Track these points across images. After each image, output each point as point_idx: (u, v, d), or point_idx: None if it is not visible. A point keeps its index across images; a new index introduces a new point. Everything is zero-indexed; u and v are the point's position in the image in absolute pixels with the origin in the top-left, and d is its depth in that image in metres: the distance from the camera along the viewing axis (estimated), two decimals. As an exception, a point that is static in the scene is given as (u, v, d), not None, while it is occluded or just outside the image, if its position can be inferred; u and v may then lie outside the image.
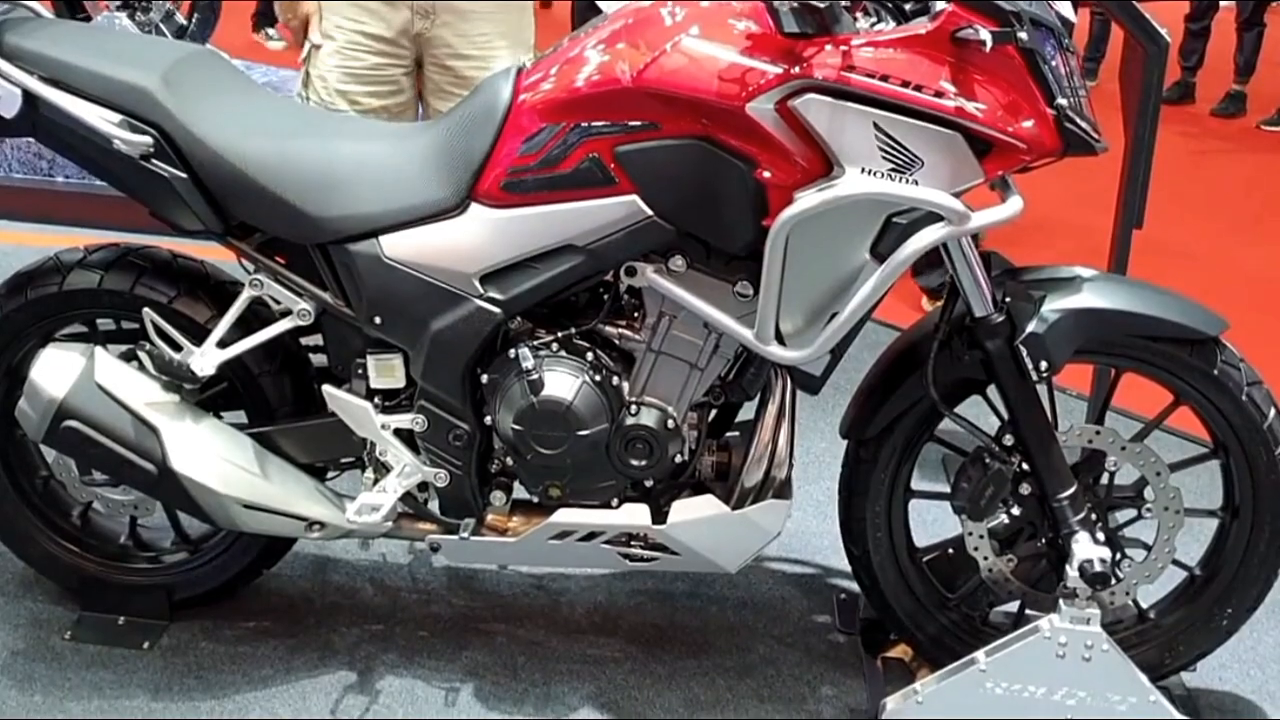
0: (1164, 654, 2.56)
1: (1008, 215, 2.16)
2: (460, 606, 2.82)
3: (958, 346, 2.36)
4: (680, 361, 2.36)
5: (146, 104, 2.31)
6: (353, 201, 2.32)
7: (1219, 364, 2.37)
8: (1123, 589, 2.50)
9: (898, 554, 2.57)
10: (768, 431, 2.46)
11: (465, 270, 2.31)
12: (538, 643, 2.71)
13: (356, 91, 3.00)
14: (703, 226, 2.24)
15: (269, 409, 2.54)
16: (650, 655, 2.70)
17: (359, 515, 2.40)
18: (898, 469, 2.52)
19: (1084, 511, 2.40)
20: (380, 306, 2.36)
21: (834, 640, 2.78)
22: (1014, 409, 2.37)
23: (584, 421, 2.35)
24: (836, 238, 2.18)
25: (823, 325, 2.23)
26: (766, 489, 2.45)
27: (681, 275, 2.29)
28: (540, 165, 2.25)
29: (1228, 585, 2.51)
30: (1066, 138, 2.13)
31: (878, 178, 2.10)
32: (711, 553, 2.47)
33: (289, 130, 2.38)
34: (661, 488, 2.47)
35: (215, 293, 2.52)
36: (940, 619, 2.59)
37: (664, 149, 2.19)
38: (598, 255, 2.27)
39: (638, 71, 2.16)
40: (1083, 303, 2.32)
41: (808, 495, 3.26)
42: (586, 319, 2.39)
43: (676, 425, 2.38)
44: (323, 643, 2.68)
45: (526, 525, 2.48)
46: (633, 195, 2.22)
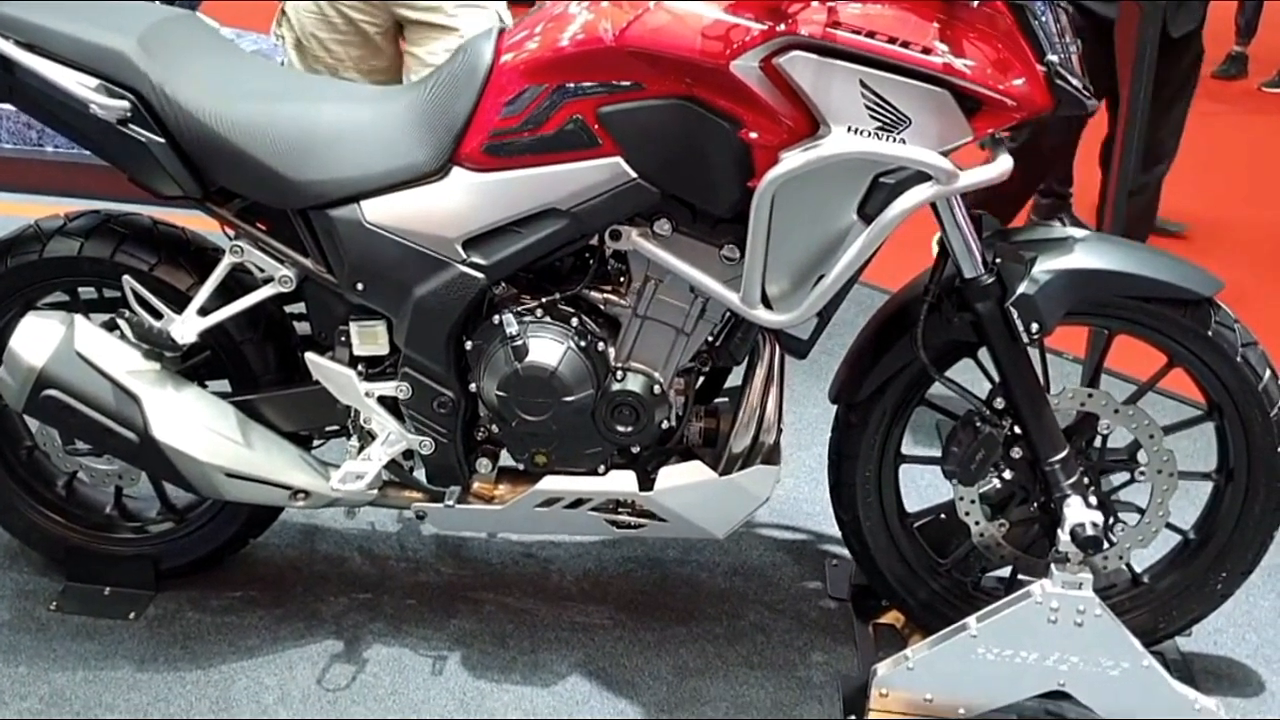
0: (1158, 619, 2.53)
1: (997, 174, 2.13)
2: (448, 574, 2.80)
3: (948, 309, 2.32)
4: (666, 326, 2.33)
5: (123, 68, 2.27)
6: (333, 166, 2.29)
7: (1213, 325, 2.34)
8: (1116, 553, 2.47)
9: (888, 519, 2.54)
10: (756, 396, 2.43)
11: (447, 235, 2.28)
12: (526, 611, 2.69)
13: (328, 39, 2.97)
14: (688, 188, 2.20)
15: (252, 377, 2.51)
16: (639, 622, 2.68)
17: (343, 484, 2.38)
18: (888, 433, 2.49)
19: (1076, 475, 2.37)
20: (362, 272, 2.33)
21: (825, 606, 2.76)
22: (1005, 372, 2.34)
23: (569, 387, 2.32)
24: (823, 198, 2.15)
25: (809, 288, 2.20)
26: (755, 454, 2.43)
27: (667, 239, 2.26)
28: (522, 127, 2.21)
29: (1222, 549, 2.49)
30: (1057, 95, 2.10)
31: (864, 137, 2.06)
32: (699, 519, 2.44)
33: (268, 94, 2.34)
34: (649, 454, 2.44)
35: (197, 259, 2.49)
36: (931, 585, 2.57)
37: (648, 109, 2.15)
38: (581, 219, 2.24)
39: (620, 30, 2.12)
40: (1074, 263, 2.29)
41: (800, 461, 3.23)
42: (571, 284, 2.36)
43: (663, 391, 2.35)
44: (310, 612, 2.66)
45: (513, 493, 2.46)
46: (616, 157, 2.18)
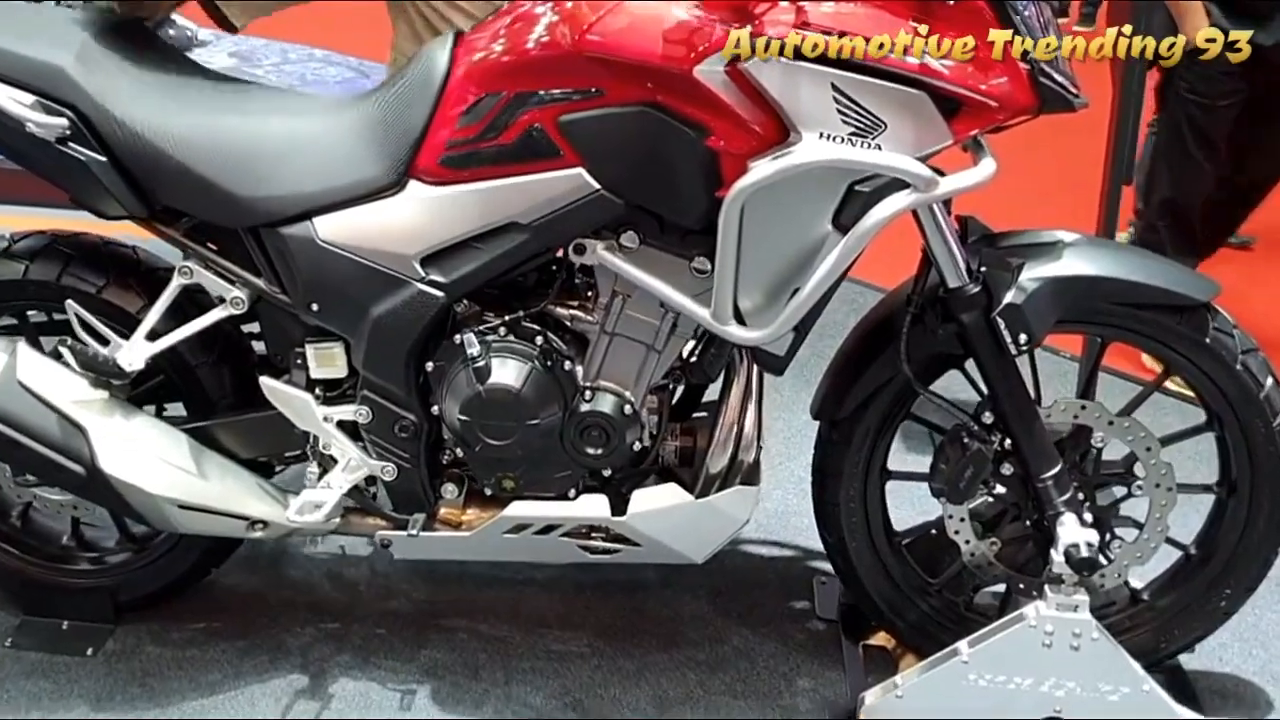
0: (1159, 638, 2.42)
1: (980, 179, 2.01)
2: (421, 601, 2.69)
3: (931, 320, 2.21)
4: (636, 343, 2.23)
5: (61, 83, 2.16)
6: (284, 181, 2.18)
7: (1211, 331, 2.23)
8: (1114, 571, 2.37)
9: (875, 539, 2.43)
10: (732, 413, 2.33)
11: (405, 252, 2.17)
12: (500, 639, 2.58)
13: None
14: (653, 199, 2.09)
15: (208, 401, 2.40)
16: (618, 650, 2.57)
17: (300, 514, 2.27)
18: (873, 450, 2.38)
19: (1070, 491, 2.26)
20: (317, 292, 2.22)
21: (812, 628, 2.65)
22: (993, 385, 2.23)
23: (534, 410, 2.21)
24: (795, 208, 2.04)
25: (784, 302, 2.09)
26: (733, 474, 2.32)
27: (634, 252, 2.15)
28: (480, 138, 2.10)
29: (1225, 564, 2.37)
30: (1042, 94, 1.98)
31: (837, 143, 1.95)
32: (676, 544, 2.34)
33: (215, 106, 2.24)
34: (621, 476, 2.34)
35: (147, 280, 2.38)
36: (921, 606, 2.46)
37: (610, 117, 2.04)
38: (544, 233, 2.13)
39: (579, 34, 2.01)
40: (1064, 270, 2.18)
41: (788, 472, 3.12)
42: (536, 300, 2.25)
43: (634, 411, 2.25)
44: (275, 644, 2.56)
45: (481, 518, 2.35)
46: (579, 168, 2.08)
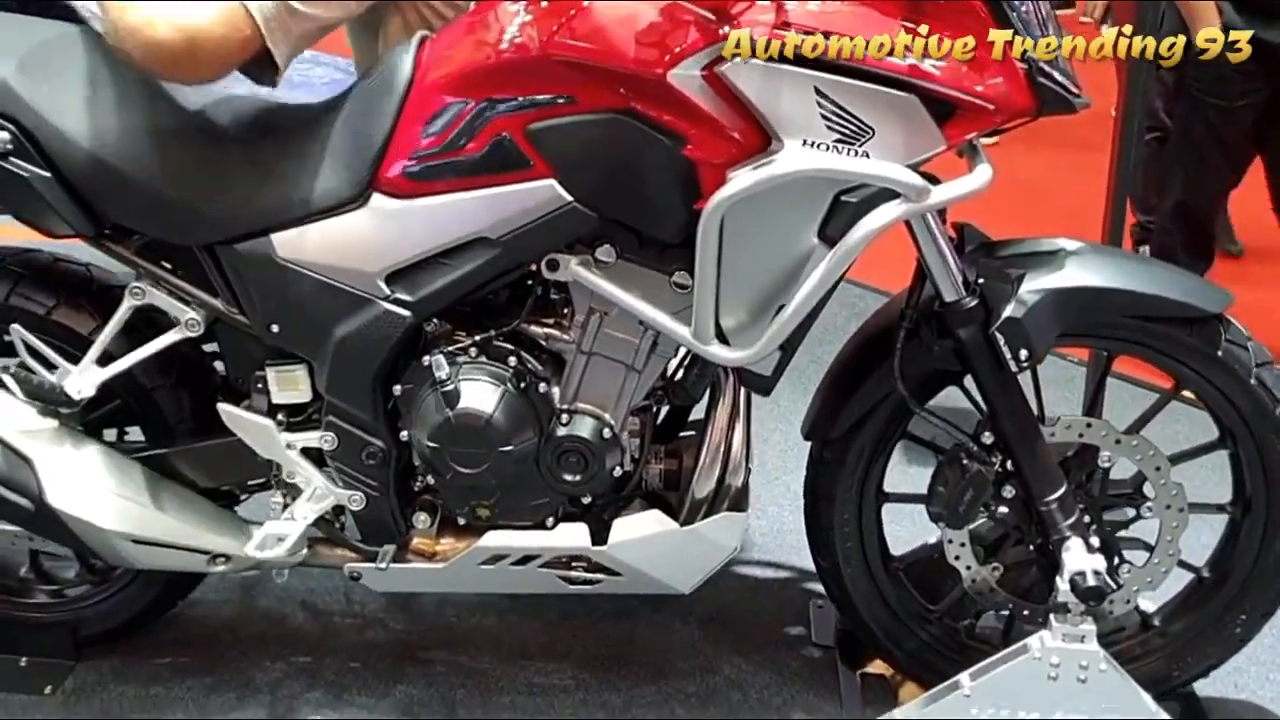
0: (1171, 666, 2.30)
1: (975, 187, 1.89)
2: (398, 631, 2.57)
3: (927, 335, 2.09)
4: (615, 363, 2.11)
5: (1, 96, 2.04)
6: (239, 196, 2.06)
7: (1223, 344, 2.10)
8: (1123, 596, 2.24)
9: (870, 564, 2.31)
10: (719, 435, 2.21)
11: (368, 269, 2.05)
12: (480, 671, 2.46)
13: None
14: (628, 212, 1.97)
15: (166, 427, 2.28)
16: (603, 682, 2.45)
17: (261, 549, 2.15)
18: (867, 471, 2.26)
19: (1075, 514, 2.14)
20: (277, 313, 2.10)
21: (808, 655, 2.53)
22: (993, 403, 2.10)
23: (507, 435, 2.09)
24: (779, 221, 1.91)
25: (768, 320, 1.97)
26: (720, 500, 2.21)
27: (611, 267, 2.03)
28: (446, 148, 1.98)
29: (1240, 588, 2.25)
30: (1041, 95, 1.86)
31: (821, 151, 1.83)
32: (660, 574, 2.22)
33: (165, 118, 2.11)
34: (602, 503, 2.22)
35: (101, 300, 2.25)
36: (920, 634, 2.34)
37: (581, 125, 1.92)
38: (515, 248, 2.01)
39: (547, 37, 1.89)
40: (1067, 281, 2.05)
41: (784, 487, 3.01)
42: (509, 319, 2.12)
43: (614, 434, 2.12)
44: (243, 680, 2.44)
45: (455, 549, 2.23)
46: (550, 179, 1.95)
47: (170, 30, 1.93)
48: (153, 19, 1.93)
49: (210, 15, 1.94)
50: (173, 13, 1.93)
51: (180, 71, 2.00)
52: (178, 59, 1.96)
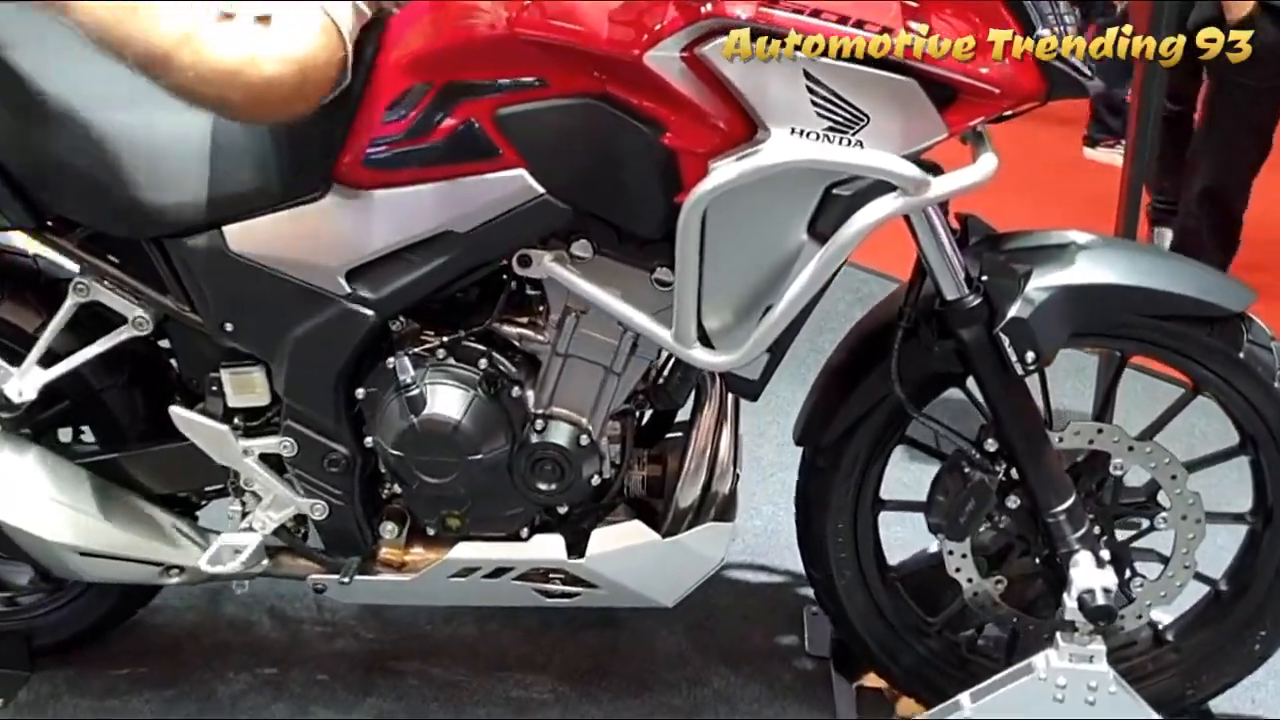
0: (1186, 683, 2.17)
1: (979, 178, 1.75)
2: (369, 639, 2.45)
3: (926, 335, 1.95)
4: (593, 365, 1.97)
5: None
6: (190, 186, 1.92)
7: (1245, 344, 1.96)
8: (1134, 611, 2.11)
9: (866, 575, 2.18)
10: (704, 439, 2.08)
11: (328, 265, 1.92)
12: (454, 683, 2.34)
13: None
14: (604, 205, 1.83)
15: (118, 429, 2.15)
16: (585, 695, 2.32)
17: (214, 564, 2.02)
18: (863, 478, 2.12)
19: (1085, 526, 2.00)
20: (230, 311, 1.97)
21: (801, 667, 2.40)
22: (997, 408, 1.97)
23: (477, 443, 1.96)
24: (765, 215, 1.78)
25: (755, 322, 1.83)
26: (705, 509, 2.07)
27: (587, 263, 1.89)
28: (408, 135, 1.84)
29: (1260, 602, 2.12)
30: (1051, 77, 1.72)
31: (811, 140, 1.69)
32: (642, 587, 2.09)
33: (111, 101, 1.96)
34: (580, 513, 2.08)
35: (48, 295, 2.11)
36: (919, 648, 2.21)
37: (552, 111, 1.78)
38: (483, 243, 1.87)
39: (515, 14, 1.75)
40: (1077, 277, 1.91)
41: (780, 484, 2.86)
42: (481, 318, 1.98)
43: (592, 441, 1.99)
44: (205, 692, 2.32)
45: (426, 559, 2.10)
46: (520, 169, 1.82)
47: (279, 66, 1.72)
48: (254, 57, 1.70)
49: (311, 40, 1.73)
50: (273, 46, 1.71)
51: (292, 108, 1.78)
52: (289, 97, 1.75)
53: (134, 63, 1.69)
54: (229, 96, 1.74)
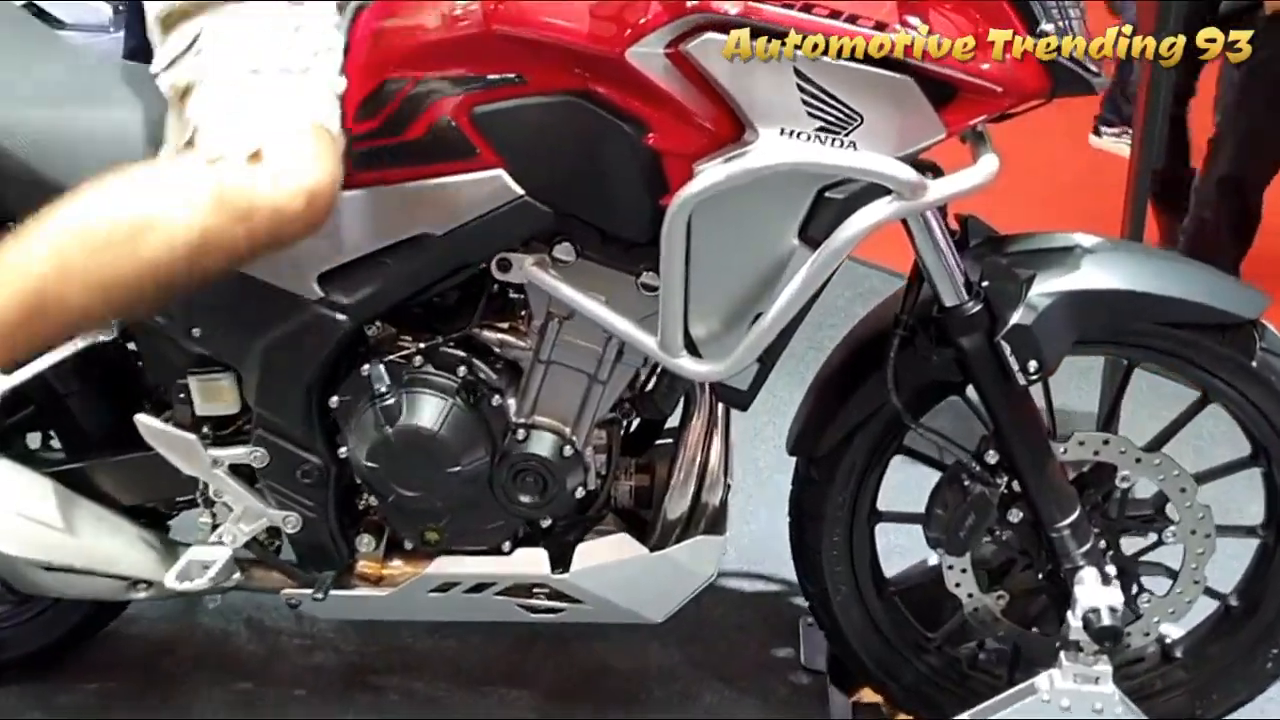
0: (1195, 702, 2.09)
1: (979, 181, 1.67)
2: (349, 653, 2.37)
3: (924, 343, 1.86)
4: (577, 373, 1.89)
5: None
6: None
7: (1258, 353, 1.88)
8: (1141, 628, 2.03)
9: (863, 589, 2.10)
10: (693, 449, 2.00)
11: (299, 268, 1.83)
12: (435, 700, 2.26)
13: None
14: (586, 208, 1.75)
15: (83, 436, 2.07)
16: (570, 712, 2.25)
17: (181, 580, 1.94)
18: (859, 489, 2.04)
19: (1090, 541, 1.92)
20: (197, 315, 1.89)
21: (796, 682, 2.33)
22: (998, 419, 1.89)
23: (455, 454, 1.88)
24: (754, 220, 1.69)
25: (744, 330, 1.75)
26: (695, 522, 1.99)
27: (570, 267, 1.80)
28: (381, 133, 1.75)
29: (1272, 618, 2.04)
30: (1055, 74, 1.64)
31: (802, 141, 1.61)
32: (629, 602, 2.01)
33: (69, 93, 1.89)
34: (564, 526, 2.00)
35: (12, 298, 2.04)
36: (918, 665, 2.13)
37: (531, 109, 1.70)
38: (461, 246, 1.79)
39: (492, 8, 1.66)
40: (1081, 282, 1.83)
41: (776, 488, 2.72)
42: (461, 322, 1.90)
43: (576, 451, 1.91)
44: (179, 708, 2.24)
45: (405, 573, 2.03)
46: (498, 169, 1.73)
47: (286, 200, 1.62)
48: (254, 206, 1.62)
49: (310, 164, 1.63)
50: (274, 185, 1.61)
51: (311, 230, 1.67)
52: (304, 225, 1.65)
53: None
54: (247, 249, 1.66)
